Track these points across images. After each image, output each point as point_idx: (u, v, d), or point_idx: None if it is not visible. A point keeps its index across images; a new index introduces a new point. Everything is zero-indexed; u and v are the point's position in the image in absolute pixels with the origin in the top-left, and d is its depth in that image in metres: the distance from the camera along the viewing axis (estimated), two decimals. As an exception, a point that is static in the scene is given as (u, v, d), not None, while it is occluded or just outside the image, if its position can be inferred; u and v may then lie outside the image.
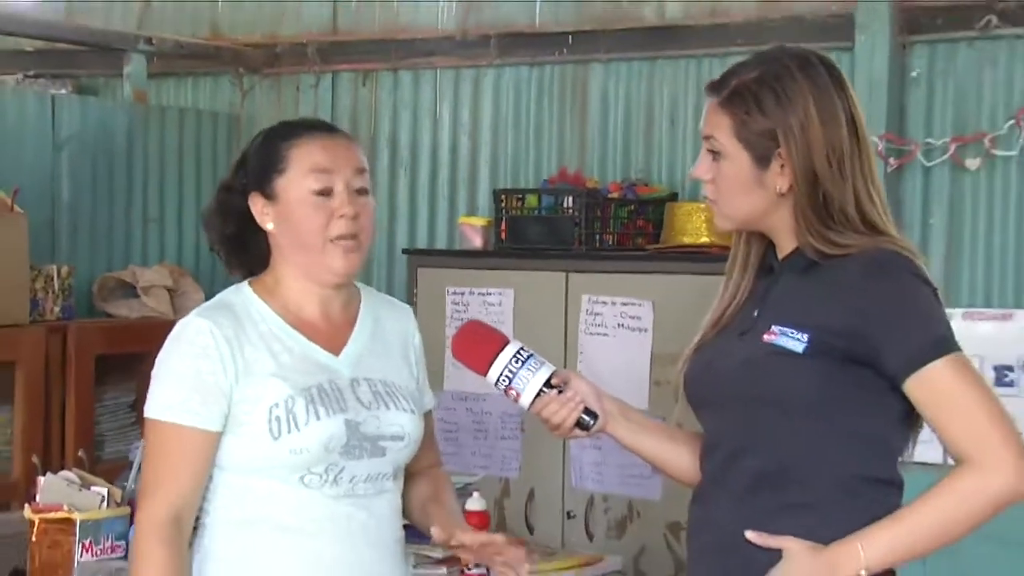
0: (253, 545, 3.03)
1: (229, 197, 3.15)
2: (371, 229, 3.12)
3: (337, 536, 3.03)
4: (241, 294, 3.13)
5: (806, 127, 2.82)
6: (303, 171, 3.04)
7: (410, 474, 3.22)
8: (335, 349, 3.11)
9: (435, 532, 3.12)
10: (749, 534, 2.81)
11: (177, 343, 3.03)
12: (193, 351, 2.99)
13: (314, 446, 2.97)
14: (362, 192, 3.08)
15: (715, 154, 2.90)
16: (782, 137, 2.82)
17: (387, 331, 3.22)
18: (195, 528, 3.08)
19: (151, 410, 3.00)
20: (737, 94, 2.87)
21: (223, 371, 2.98)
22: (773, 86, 2.84)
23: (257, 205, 3.08)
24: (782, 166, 2.83)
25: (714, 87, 2.92)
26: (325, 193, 3.03)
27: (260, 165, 3.11)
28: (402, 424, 3.10)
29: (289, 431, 2.97)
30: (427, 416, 3.25)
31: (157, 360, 3.04)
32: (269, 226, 3.08)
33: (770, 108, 2.83)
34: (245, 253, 3.18)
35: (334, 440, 2.99)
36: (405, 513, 3.25)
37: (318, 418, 2.99)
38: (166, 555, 2.94)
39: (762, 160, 2.85)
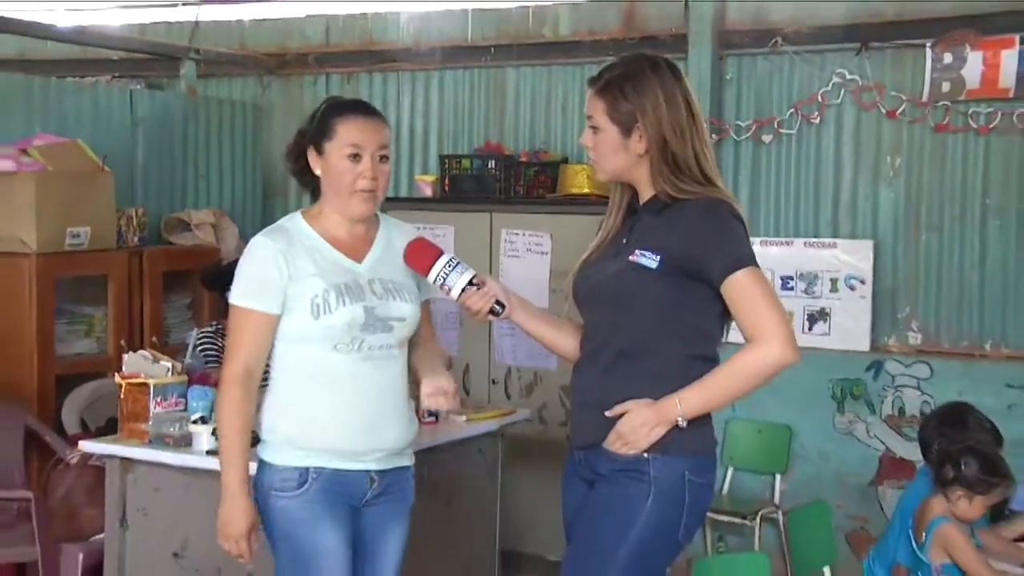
0: (300, 395, 3.07)
1: (299, 142, 3.16)
2: (386, 185, 3.12)
3: (356, 389, 3.06)
4: (293, 220, 3.13)
5: (656, 108, 2.85)
6: (343, 142, 3.05)
7: (413, 344, 3.22)
8: (358, 258, 3.12)
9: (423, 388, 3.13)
10: (607, 412, 2.85)
11: (250, 253, 3.07)
12: (259, 258, 3.03)
13: (341, 324, 3.01)
14: (383, 159, 3.08)
15: (594, 128, 2.92)
16: (640, 115, 2.85)
17: (396, 247, 3.17)
18: (265, 384, 3.12)
19: (232, 298, 3.05)
20: (608, 85, 2.89)
21: (279, 273, 3.00)
22: (633, 80, 2.87)
23: (312, 157, 3.10)
24: (640, 136, 2.86)
25: (593, 81, 2.94)
26: (355, 159, 3.05)
27: (318, 129, 3.10)
28: (403, 310, 3.11)
29: (325, 313, 3.01)
30: (425, 304, 3.26)
31: (239, 264, 3.09)
32: (318, 172, 3.10)
33: (631, 95, 2.86)
34: (308, 181, 3.17)
35: (356, 320, 3.02)
36: (408, 367, 3.25)
37: (345, 304, 3.02)
38: (238, 396, 3.00)
39: (626, 131, 2.87)
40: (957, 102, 5.45)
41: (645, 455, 2.82)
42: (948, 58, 5.42)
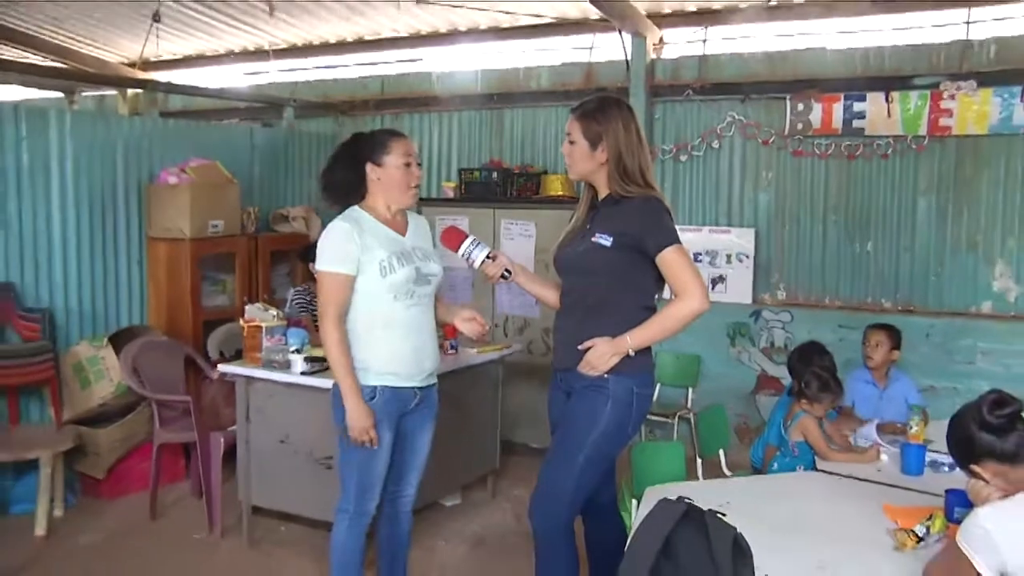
0: (370, 333, 3.02)
1: (347, 160, 3.07)
2: (420, 184, 3.10)
3: (411, 328, 3.05)
4: (356, 211, 3.06)
5: (616, 132, 2.81)
6: (399, 155, 3.03)
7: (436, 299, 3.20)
8: (402, 233, 3.10)
9: (458, 323, 3.15)
10: (579, 346, 2.83)
11: (330, 233, 2.99)
12: (340, 237, 2.97)
13: (401, 279, 2.99)
14: (419, 165, 3.08)
15: (572, 142, 2.87)
16: (604, 135, 2.82)
17: (420, 228, 3.18)
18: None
19: (320, 265, 2.98)
20: (585, 113, 2.85)
21: (354, 245, 2.96)
22: (602, 112, 2.83)
23: (371, 168, 3.04)
24: (603, 150, 2.82)
25: (574, 110, 2.89)
26: (408, 167, 3.05)
27: (375, 148, 3.05)
28: (435, 269, 3.11)
29: (390, 272, 2.98)
30: None
31: (320, 242, 3.00)
32: (376, 178, 3.05)
33: (600, 121, 2.82)
34: (347, 190, 3.07)
35: (411, 276, 3.01)
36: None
37: (403, 266, 3.00)
38: (338, 337, 2.95)
39: (594, 145, 2.83)
40: (807, 136, 5.48)
41: (605, 376, 2.81)
42: (800, 107, 5.46)
